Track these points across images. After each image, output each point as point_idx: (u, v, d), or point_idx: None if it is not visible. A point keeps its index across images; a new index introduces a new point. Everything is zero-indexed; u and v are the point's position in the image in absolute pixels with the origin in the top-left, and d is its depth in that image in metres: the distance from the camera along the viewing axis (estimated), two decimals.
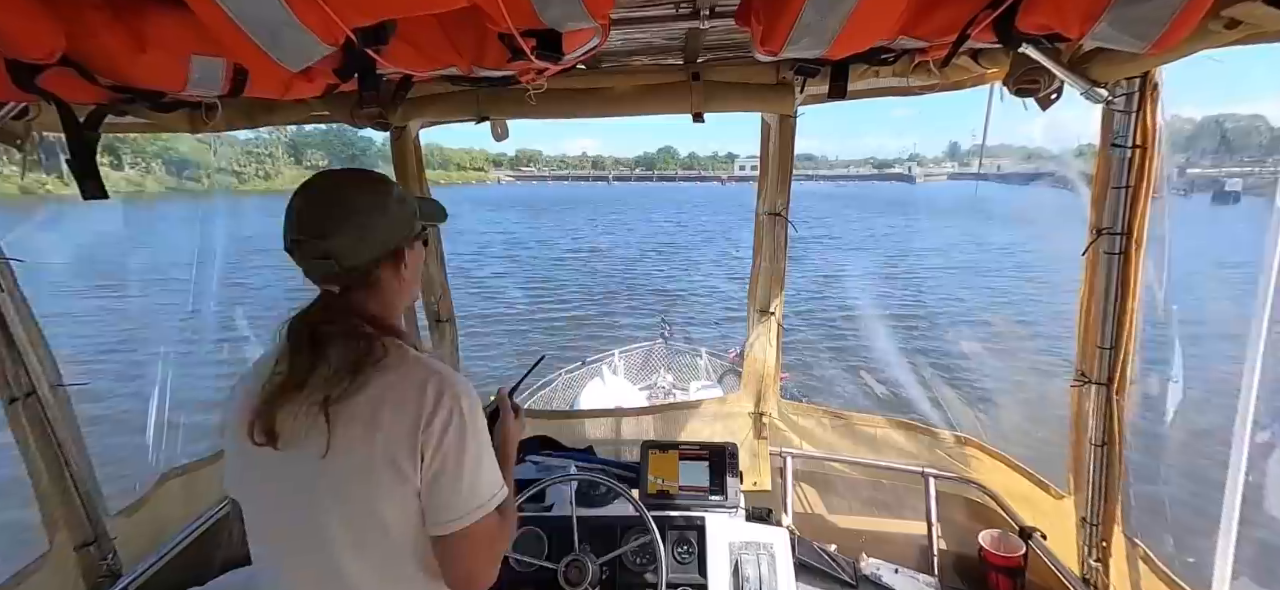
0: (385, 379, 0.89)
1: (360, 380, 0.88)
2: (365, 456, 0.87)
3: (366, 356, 0.89)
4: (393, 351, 0.92)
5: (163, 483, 2.03)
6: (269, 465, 0.89)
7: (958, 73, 1.58)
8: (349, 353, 0.88)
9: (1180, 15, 0.77)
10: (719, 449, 1.94)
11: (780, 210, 2.11)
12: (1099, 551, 1.60)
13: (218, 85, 1.05)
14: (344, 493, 0.88)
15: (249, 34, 0.77)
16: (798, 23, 0.91)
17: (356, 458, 0.87)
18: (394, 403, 0.88)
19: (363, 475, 0.87)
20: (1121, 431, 1.49)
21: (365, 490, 0.88)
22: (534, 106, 1.77)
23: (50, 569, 1.59)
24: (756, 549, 1.68)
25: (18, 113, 1.28)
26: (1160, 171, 1.32)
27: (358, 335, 0.91)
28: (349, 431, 0.86)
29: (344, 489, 0.88)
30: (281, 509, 0.92)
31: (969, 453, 2.20)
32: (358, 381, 0.88)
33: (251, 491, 0.96)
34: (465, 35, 1.10)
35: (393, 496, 0.88)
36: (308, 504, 0.89)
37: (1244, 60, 1.11)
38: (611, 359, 6.79)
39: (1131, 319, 1.42)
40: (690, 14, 1.39)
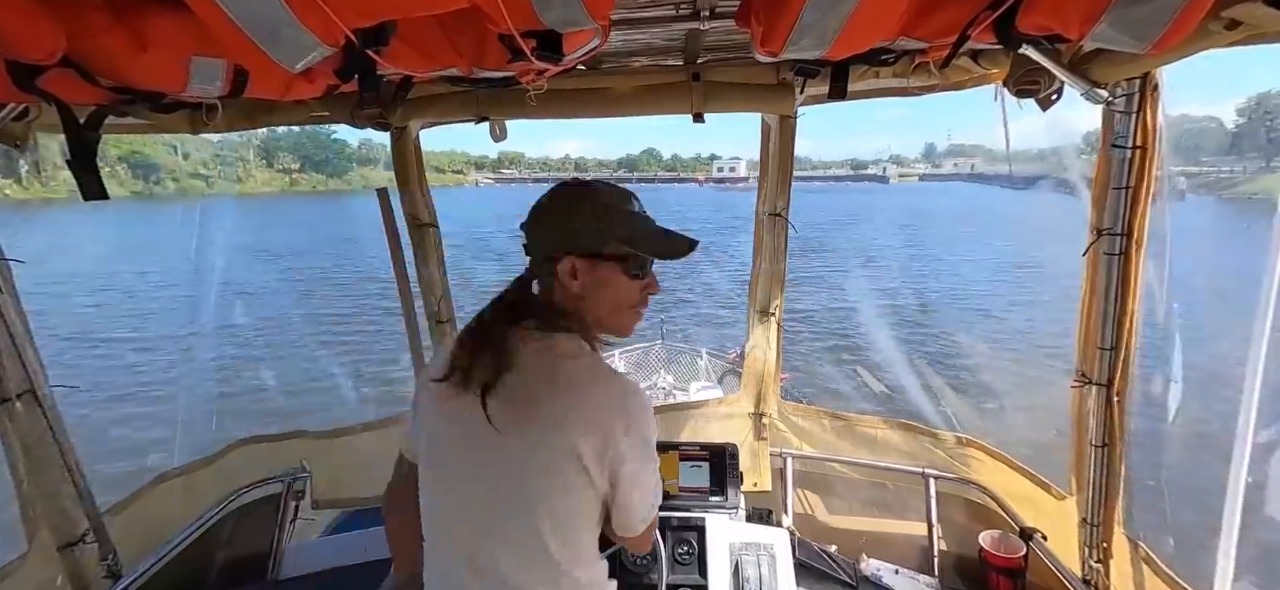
0: (590, 385, 0.96)
1: (560, 376, 0.96)
2: (557, 448, 0.93)
3: (561, 355, 0.97)
4: (587, 354, 1.00)
5: (158, 483, 2.03)
6: (464, 430, 0.95)
7: (958, 73, 1.58)
8: (538, 345, 0.98)
9: (1180, 16, 0.77)
10: (719, 450, 1.94)
11: (780, 211, 2.11)
12: (1100, 552, 1.60)
13: (218, 86, 1.05)
14: (533, 472, 0.94)
15: (249, 35, 0.77)
16: (798, 24, 0.91)
17: (549, 448, 0.93)
18: (593, 412, 0.94)
19: (553, 463, 0.93)
20: (1122, 432, 1.49)
21: (555, 477, 0.94)
22: (534, 107, 1.77)
23: (47, 569, 1.59)
24: (757, 550, 1.68)
25: (18, 114, 1.28)
26: (1161, 172, 1.32)
27: (551, 312, 1.01)
28: (545, 423, 0.93)
29: (534, 469, 0.94)
30: (465, 471, 0.98)
31: (969, 453, 2.20)
32: (557, 377, 0.95)
33: (434, 448, 1.02)
34: (465, 36, 1.10)
35: (577, 484, 0.94)
36: (500, 472, 0.95)
37: (1202, 66, 1.12)
38: (611, 359, 6.79)
39: (1132, 320, 1.42)
40: (690, 15, 1.39)
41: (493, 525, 0.95)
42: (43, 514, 1.59)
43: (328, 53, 0.83)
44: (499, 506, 0.94)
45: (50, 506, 1.60)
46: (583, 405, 0.93)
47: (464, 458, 0.97)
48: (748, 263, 2.24)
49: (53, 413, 1.58)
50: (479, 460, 0.95)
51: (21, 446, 1.54)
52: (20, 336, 1.52)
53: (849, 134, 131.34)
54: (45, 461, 1.58)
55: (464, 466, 0.97)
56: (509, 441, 0.92)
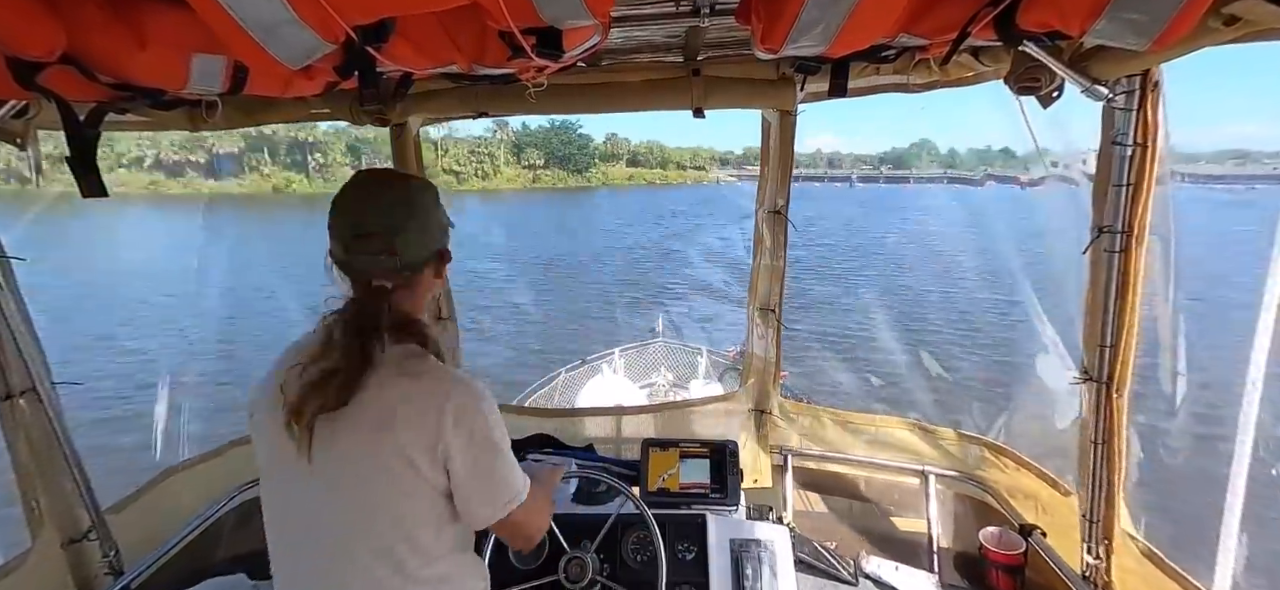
0: (416, 385, 0.93)
1: (392, 380, 0.92)
2: (387, 455, 0.91)
3: (406, 357, 0.95)
4: (423, 358, 0.97)
5: (161, 480, 2.03)
6: (295, 455, 0.91)
7: (958, 70, 1.57)
8: (384, 351, 0.93)
9: (1180, 13, 0.77)
10: (720, 447, 1.94)
11: (780, 208, 2.11)
12: (1100, 548, 1.60)
13: (218, 83, 1.05)
14: (364, 489, 0.92)
15: (249, 32, 0.77)
16: (798, 21, 0.91)
17: (376, 459, 0.91)
18: (419, 411, 0.92)
19: (382, 475, 0.91)
20: (1122, 429, 1.49)
21: (385, 489, 0.92)
22: (534, 103, 1.77)
23: (51, 565, 1.59)
24: (757, 547, 1.68)
25: (18, 111, 1.28)
26: (1162, 169, 1.32)
27: (407, 333, 0.96)
28: (377, 431, 0.90)
29: (364, 486, 0.92)
30: (305, 498, 0.95)
31: (971, 449, 2.20)
32: (389, 382, 0.92)
33: (277, 480, 0.98)
34: (465, 33, 1.09)
35: (412, 494, 0.93)
36: (329, 496, 0.93)
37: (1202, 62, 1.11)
38: (612, 357, 6.80)
39: (1132, 317, 1.42)
40: (691, 11, 1.38)
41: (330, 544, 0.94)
42: (46, 511, 1.60)
43: (328, 50, 0.83)
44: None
45: (53, 503, 1.61)
46: (418, 406, 0.92)
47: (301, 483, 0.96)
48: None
49: (55, 410, 1.59)
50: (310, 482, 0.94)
51: (25, 443, 1.55)
52: (23, 334, 1.52)
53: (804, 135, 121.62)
54: (48, 459, 1.58)
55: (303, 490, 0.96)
56: (342, 456, 0.91)
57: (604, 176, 78.32)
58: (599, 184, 76.33)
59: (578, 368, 6.51)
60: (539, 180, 72.53)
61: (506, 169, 71.15)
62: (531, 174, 73.22)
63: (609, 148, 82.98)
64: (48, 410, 1.57)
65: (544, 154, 73.42)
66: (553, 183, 72.56)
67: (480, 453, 0.95)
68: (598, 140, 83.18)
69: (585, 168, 76.84)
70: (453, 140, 68.10)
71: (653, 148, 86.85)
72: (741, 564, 1.64)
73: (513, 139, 73.16)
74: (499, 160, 70.89)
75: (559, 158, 74.50)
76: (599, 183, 76.63)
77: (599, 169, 78.83)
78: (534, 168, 73.80)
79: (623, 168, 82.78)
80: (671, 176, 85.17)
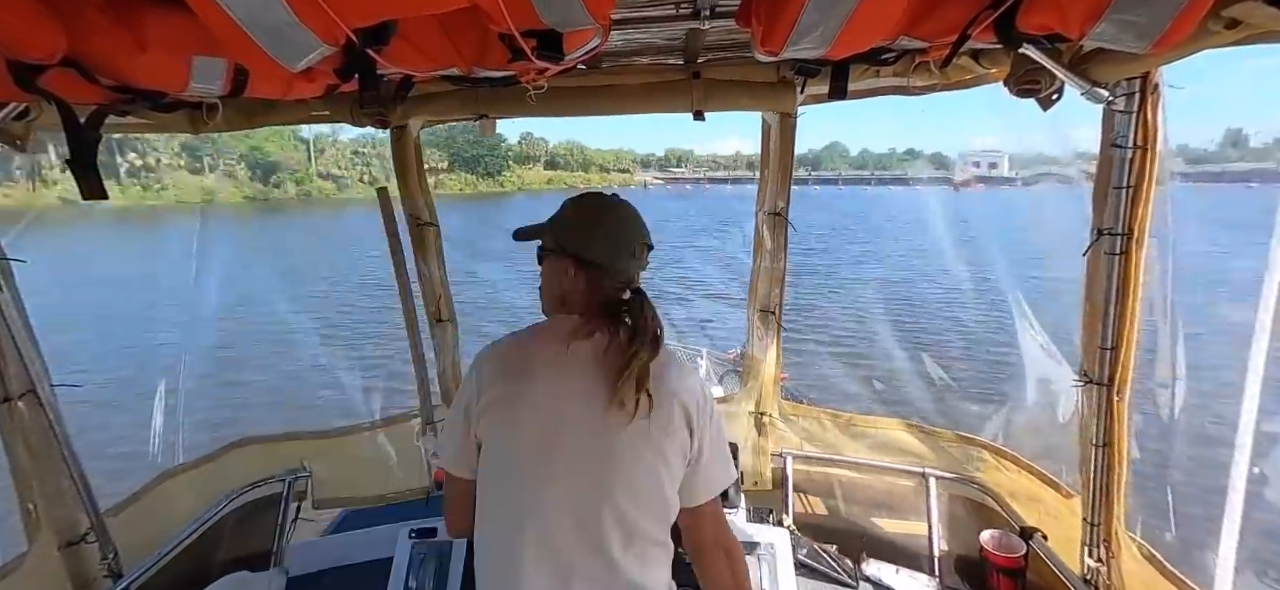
0: (678, 369, 1.07)
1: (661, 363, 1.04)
2: (666, 429, 1.02)
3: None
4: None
5: (159, 482, 2.03)
6: (585, 421, 1.00)
7: (958, 73, 1.58)
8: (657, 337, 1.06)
9: (1180, 15, 0.77)
10: None
11: (781, 210, 2.11)
12: (1101, 551, 1.60)
13: (218, 85, 1.05)
14: (637, 458, 1.01)
15: (250, 34, 0.77)
16: (798, 24, 0.91)
17: (662, 430, 1.02)
18: (686, 390, 1.05)
19: (654, 446, 1.01)
20: (1123, 431, 1.49)
21: (655, 460, 1.01)
22: (535, 106, 1.77)
23: (48, 567, 1.59)
24: (758, 549, 1.68)
25: (18, 113, 1.28)
26: (1161, 171, 1.32)
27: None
28: (660, 408, 1.01)
29: (638, 455, 1.01)
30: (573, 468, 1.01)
31: (971, 452, 2.19)
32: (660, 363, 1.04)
33: (541, 450, 1.02)
34: (466, 36, 1.10)
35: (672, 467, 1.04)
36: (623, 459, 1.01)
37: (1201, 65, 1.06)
38: None
39: (1132, 319, 1.42)
40: (691, 14, 1.39)
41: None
42: (44, 513, 1.59)
43: (328, 52, 0.83)
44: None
45: (51, 506, 1.60)
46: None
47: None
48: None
49: (54, 412, 1.58)
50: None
51: (23, 446, 1.54)
52: (22, 337, 1.52)
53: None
54: (47, 461, 1.58)
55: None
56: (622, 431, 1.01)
57: (519, 180, 71.18)
58: (514, 189, 68.68)
59: None
60: (443, 185, 63.16)
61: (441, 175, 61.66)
62: (433, 178, 66.30)
63: (524, 149, 76.24)
64: (47, 413, 1.56)
65: (447, 155, 64.73)
66: (459, 188, 64.25)
67: (718, 433, 1.11)
68: (511, 141, 75.78)
69: (497, 171, 69.67)
70: (330, 141, 58.53)
71: (573, 149, 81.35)
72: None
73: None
74: (388, 161, 64.50)
75: (466, 160, 66.80)
76: (514, 187, 69.28)
77: (514, 172, 72.10)
78: (435, 171, 62.71)
79: (540, 171, 75.92)
80: (594, 179, 78.38)
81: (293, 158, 54.95)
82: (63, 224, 27.51)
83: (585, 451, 1.00)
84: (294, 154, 55.40)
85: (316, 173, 56.22)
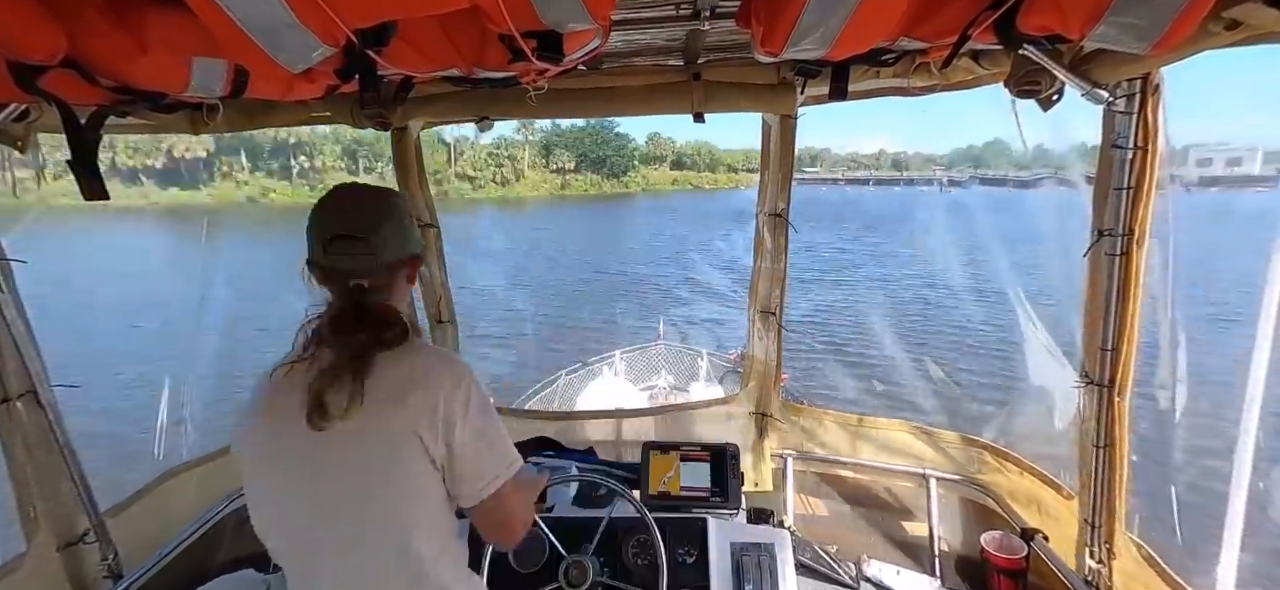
0: (413, 361, 0.99)
1: (394, 362, 0.97)
2: (396, 431, 0.94)
3: (398, 344, 0.99)
4: (414, 343, 1.02)
5: (161, 482, 2.03)
6: (305, 449, 0.95)
7: (958, 74, 1.58)
8: (385, 335, 0.98)
9: (1181, 16, 0.77)
10: (720, 450, 1.94)
11: (781, 211, 2.11)
12: (1102, 553, 1.60)
13: (219, 86, 1.05)
14: (379, 465, 0.95)
15: (250, 35, 0.77)
16: (798, 24, 0.91)
17: (388, 434, 0.94)
18: (422, 384, 0.96)
19: (393, 449, 0.95)
20: (1123, 433, 1.49)
21: (398, 464, 0.95)
22: (535, 107, 1.77)
23: (47, 568, 1.59)
24: (758, 550, 1.67)
25: (19, 114, 1.28)
26: (1162, 172, 1.32)
27: (390, 323, 1.00)
28: (383, 409, 0.94)
29: (378, 461, 0.95)
30: (320, 488, 0.97)
31: (972, 453, 2.19)
32: (391, 364, 0.97)
33: (284, 478, 0.99)
34: (466, 36, 1.10)
35: (419, 467, 0.96)
36: (348, 479, 0.96)
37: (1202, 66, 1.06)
38: (612, 360, 6.80)
39: (1133, 320, 1.42)
40: (691, 15, 1.39)
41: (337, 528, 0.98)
42: (43, 514, 1.59)
43: (329, 53, 0.83)
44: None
45: (50, 506, 1.60)
46: (418, 380, 0.97)
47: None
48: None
49: (54, 413, 1.58)
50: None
51: (22, 447, 1.54)
52: (21, 337, 1.52)
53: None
54: (46, 462, 1.58)
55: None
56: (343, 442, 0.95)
57: (644, 181, 69.65)
58: (638, 189, 67.42)
59: (578, 370, 6.52)
60: (568, 186, 63.47)
61: (531, 173, 62.52)
62: (560, 179, 64.36)
63: (652, 149, 74.61)
64: (46, 413, 1.56)
65: (575, 156, 65.04)
66: (584, 189, 63.59)
67: (479, 417, 1.00)
68: (638, 141, 73.63)
69: (623, 171, 68.19)
70: (468, 142, 59.69)
71: (701, 149, 77.32)
72: (742, 568, 1.64)
73: (542, 140, 64.33)
74: (522, 164, 61.91)
75: (593, 160, 65.80)
76: (638, 188, 67.94)
77: (639, 173, 70.39)
78: (563, 171, 64.97)
79: (665, 171, 74.09)
80: (721, 180, 75.53)
81: (434, 158, 54.73)
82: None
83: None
84: (436, 155, 55.69)
85: (455, 174, 58.06)
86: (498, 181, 59.55)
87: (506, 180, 60.37)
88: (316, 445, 0.93)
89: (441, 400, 0.96)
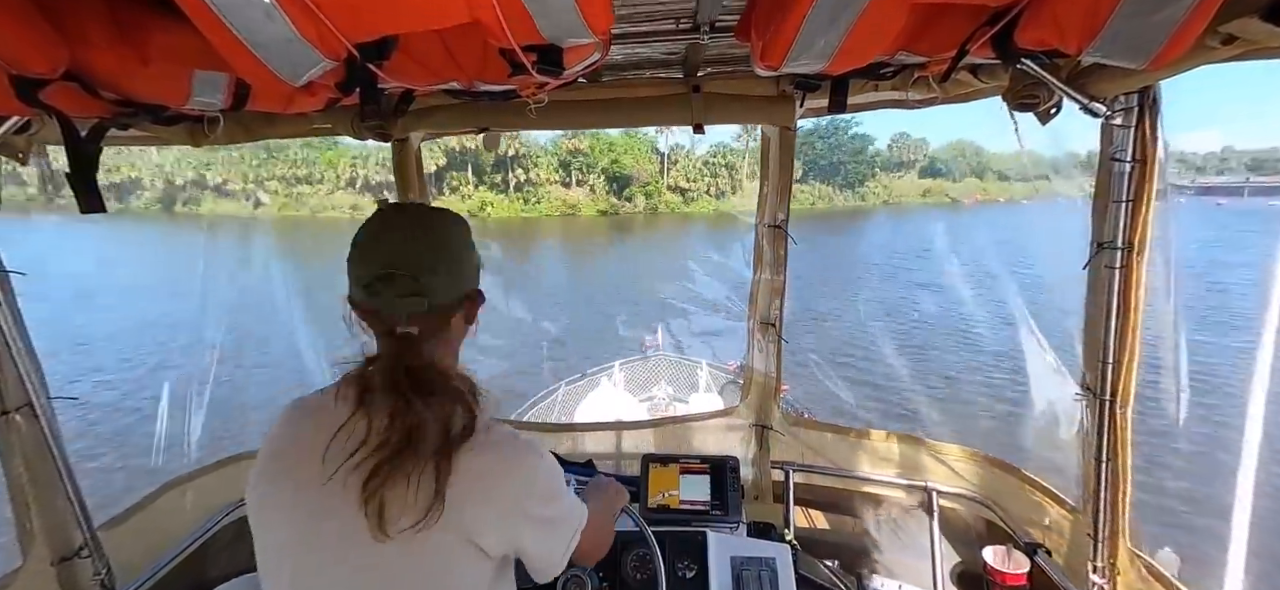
0: (480, 459, 0.84)
1: (460, 455, 0.82)
2: (446, 535, 0.81)
3: (467, 427, 0.84)
4: (475, 422, 0.86)
5: (159, 494, 2.01)
6: (343, 530, 0.81)
7: (957, 87, 1.58)
8: (450, 418, 0.83)
9: (1178, 31, 0.77)
10: (720, 463, 1.92)
11: (780, 223, 2.11)
12: (1106, 566, 1.58)
13: (219, 99, 1.05)
14: (418, 566, 0.82)
15: (250, 48, 0.77)
16: (797, 39, 0.91)
17: (437, 536, 0.80)
18: (481, 486, 0.83)
19: (439, 554, 0.82)
20: (1126, 445, 1.48)
21: (441, 569, 0.83)
22: (535, 119, 1.78)
23: (42, 582, 1.57)
24: (758, 564, 1.66)
25: (20, 127, 1.28)
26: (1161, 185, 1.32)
27: (455, 397, 0.85)
28: (436, 507, 0.80)
29: (416, 569, 0.82)
30: (350, 577, 0.83)
31: (975, 466, 2.18)
32: (458, 457, 0.82)
33: (308, 558, 0.84)
34: (466, 50, 1.10)
35: (467, 575, 0.85)
36: (376, 575, 0.82)
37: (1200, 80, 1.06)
38: (611, 371, 6.79)
39: (1134, 333, 1.42)
40: (691, 29, 1.40)
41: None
42: (39, 528, 1.58)
43: (329, 66, 0.84)
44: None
45: (46, 521, 1.59)
46: (473, 485, 0.82)
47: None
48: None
49: (51, 426, 1.58)
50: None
51: (19, 460, 1.53)
52: (19, 349, 1.51)
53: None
54: (43, 475, 1.57)
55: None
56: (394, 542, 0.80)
57: (886, 192, 56.27)
58: (877, 204, 54.07)
59: (578, 381, 6.51)
60: (795, 199, 55.50)
61: (750, 183, 49.69)
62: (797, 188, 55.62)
63: (895, 153, 59.71)
64: (44, 427, 1.56)
65: (802, 163, 51.02)
66: (811, 203, 52.02)
67: (545, 513, 0.90)
68: (879, 144, 58.56)
69: (860, 181, 55.20)
70: (682, 152, 51.38)
71: (963, 149, 60.52)
72: (743, 582, 1.62)
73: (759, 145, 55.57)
74: (741, 172, 50.98)
75: (822, 168, 54.41)
76: (877, 203, 54.55)
77: (879, 182, 56.89)
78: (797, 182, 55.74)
79: (914, 179, 58.55)
80: (992, 191, 56.97)
81: (646, 169, 50.19)
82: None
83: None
84: (648, 166, 50.52)
85: (667, 186, 51.32)
86: (713, 193, 50.89)
87: (722, 192, 51.23)
88: (346, 529, 0.80)
89: (512, 506, 0.85)
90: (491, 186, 48.72)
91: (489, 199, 46.59)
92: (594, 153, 48.30)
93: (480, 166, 47.54)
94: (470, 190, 47.51)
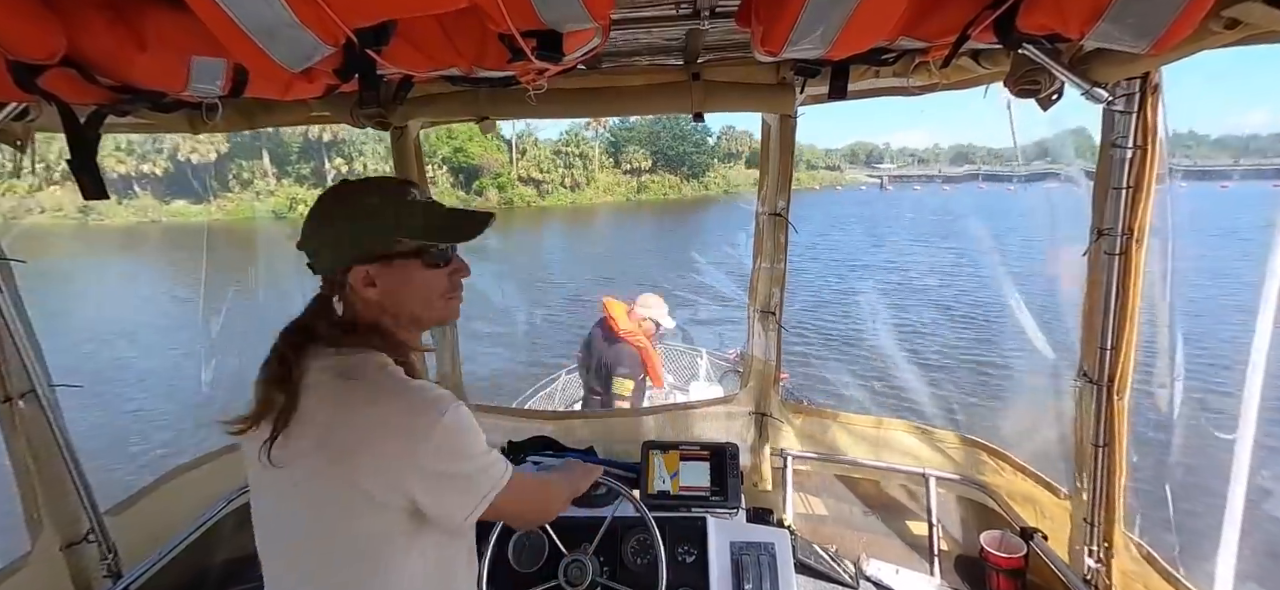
0: (375, 409, 0.89)
1: (336, 395, 0.90)
2: (337, 479, 0.87)
3: (355, 368, 0.92)
4: (376, 372, 0.92)
5: (163, 482, 2.03)
6: (259, 469, 0.91)
7: (958, 73, 1.58)
8: (327, 368, 0.91)
9: (1180, 16, 0.77)
10: (720, 449, 1.94)
11: (781, 210, 2.11)
12: (1101, 552, 1.60)
13: (218, 86, 1.05)
14: (319, 512, 0.90)
15: (249, 34, 0.77)
16: (798, 24, 0.91)
17: (326, 478, 0.88)
18: (377, 436, 0.88)
19: (336, 497, 0.88)
20: (1122, 432, 1.49)
21: (342, 511, 0.89)
22: (535, 107, 1.77)
23: (51, 567, 1.59)
24: (757, 550, 1.67)
25: (18, 113, 1.28)
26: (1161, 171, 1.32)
27: (357, 337, 0.94)
28: (323, 454, 0.88)
29: (319, 508, 0.90)
30: (272, 510, 0.97)
31: (971, 453, 2.19)
32: (333, 397, 0.90)
33: (253, 493, 1.00)
34: (466, 36, 1.10)
35: (364, 518, 0.89)
36: (285, 508, 0.94)
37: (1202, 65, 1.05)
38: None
39: (1132, 319, 1.42)
40: (690, 15, 1.39)
41: (299, 565, 0.93)
42: (45, 514, 1.60)
43: (328, 52, 0.83)
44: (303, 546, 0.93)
45: (53, 507, 1.60)
46: (366, 434, 0.87)
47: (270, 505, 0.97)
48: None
49: (55, 413, 1.59)
50: (281, 504, 0.94)
51: (24, 446, 1.55)
52: (22, 337, 1.52)
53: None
54: (48, 462, 1.58)
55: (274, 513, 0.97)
56: (296, 478, 0.89)
57: (723, 180, 60.90)
58: (719, 192, 58.39)
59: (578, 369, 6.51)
60: (645, 189, 54.39)
61: (602, 175, 53.46)
62: (635, 181, 54.71)
63: (726, 145, 64.45)
64: (47, 413, 1.57)
65: (650, 153, 55.10)
66: (662, 193, 54.86)
67: (440, 467, 0.90)
68: (714, 135, 63.62)
69: (702, 171, 59.73)
70: (531, 140, 51.44)
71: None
72: (742, 567, 1.64)
73: (609, 136, 54.33)
74: (593, 164, 52.29)
75: (669, 158, 57.05)
76: (718, 190, 59.02)
77: (717, 172, 61.61)
78: (638, 172, 55.05)
79: (741, 169, 62.96)
80: (802, 178, 64.90)
81: (496, 159, 48.17)
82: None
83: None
84: (497, 156, 48.41)
85: (518, 177, 49.33)
86: (567, 185, 50.87)
87: (577, 183, 51.26)
88: (274, 476, 0.90)
89: (400, 461, 0.87)
90: (299, 180, 39.31)
91: (300, 196, 35.92)
92: (433, 140, 40.72)
93: (282, 155, 37.32)
94: (269, 183, 36.03)
